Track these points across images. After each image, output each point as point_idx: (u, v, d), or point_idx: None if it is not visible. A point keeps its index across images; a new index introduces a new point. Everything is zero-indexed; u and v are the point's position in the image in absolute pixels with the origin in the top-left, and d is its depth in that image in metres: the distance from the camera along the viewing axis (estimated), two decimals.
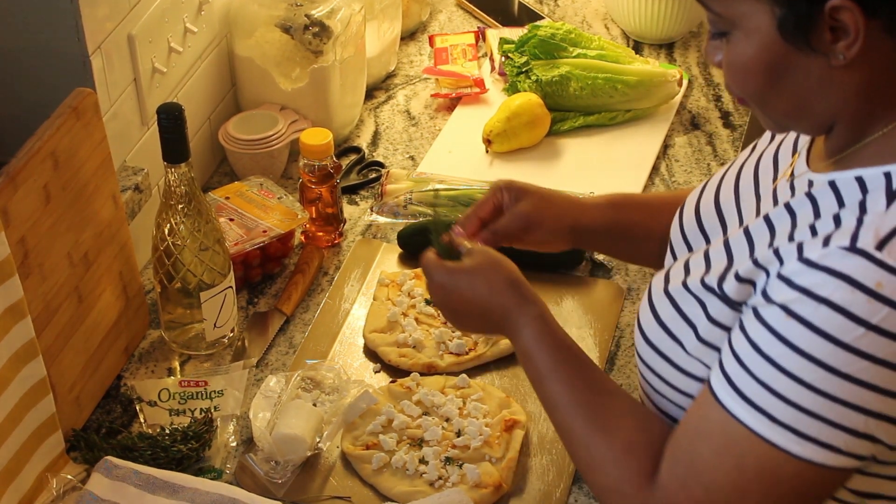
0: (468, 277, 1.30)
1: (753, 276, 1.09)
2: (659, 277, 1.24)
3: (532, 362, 1.25)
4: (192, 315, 1.55)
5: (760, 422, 1.05)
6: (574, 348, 1.26)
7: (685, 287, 1.17)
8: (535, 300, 1.28)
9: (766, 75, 1.07)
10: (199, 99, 1.83)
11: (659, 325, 1.19)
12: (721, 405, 1.08)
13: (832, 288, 1.01)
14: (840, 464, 1.04)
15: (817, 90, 1.07)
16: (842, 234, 1.03)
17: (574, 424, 1.20)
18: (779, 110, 1.11)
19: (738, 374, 1.07)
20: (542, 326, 1.26)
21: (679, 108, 2.06)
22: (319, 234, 1.77)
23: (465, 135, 1.99)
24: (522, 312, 1.27)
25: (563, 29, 2.05)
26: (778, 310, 1.04)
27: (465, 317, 1.33)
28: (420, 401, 1.50)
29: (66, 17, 1.46)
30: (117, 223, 1.51)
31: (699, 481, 1.09)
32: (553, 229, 1.42)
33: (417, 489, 1.40)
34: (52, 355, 1.39)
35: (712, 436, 1.09)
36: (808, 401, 1.03)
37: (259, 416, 1.44)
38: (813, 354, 1.02)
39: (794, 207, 1.12)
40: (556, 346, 1.25)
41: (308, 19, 1.84)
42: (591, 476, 1.19)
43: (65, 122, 1.37)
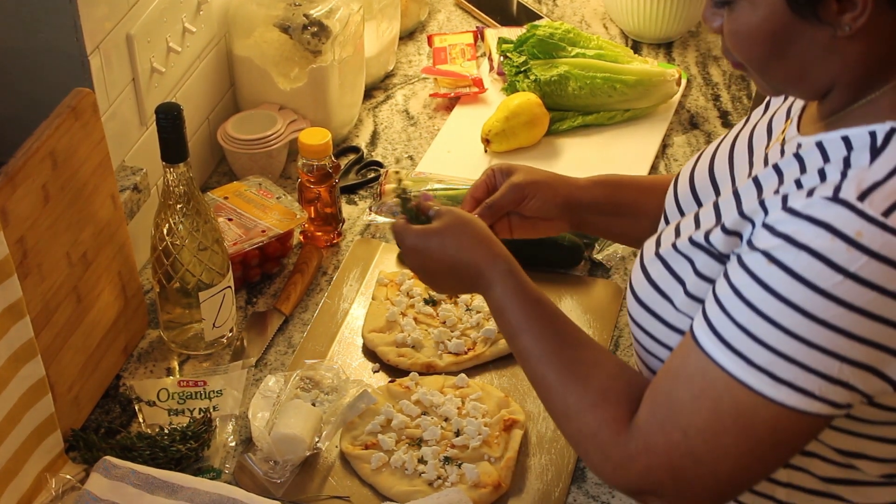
0: (438, 237, 1.32)
1: (740, 227, 1.11)
2: (650, 241, 1.26)
3: (505, 317, 1.27)
4: (190, 315, 1.55)
5: (737, 364, 1.07)
6: (545, 302, 1.28)
7: (674, 248, 1.19)
8: (504, 256, 1.30)
9: (770, 44, 1.09)
10: (198, 99, 1.83)
11: (650, 285, 1.21)
12: (701, 349, 1.10)
13: (813, 235, 1.03)
14: (815, 409, 1.06)
15: (819, 59, 1.09)
16: (825, 187, 1.05)
17: (548, 375, 1.22)
18: (778, 77, 1.13)
19: (719, 318, 1.09)
20: (512, 281, 1.28)
21: (678, 108, 2.06)
22: (318, 233, 1.78)
23: (463, 134, 2.00)
24: (493, 268, 1.28)
25: (561, 28, 2.06)
26: (760, 256, 1.06)
27: (438, 276, 1.35)
28: (419, 400, 1.50)
29: (64, 17, 1.46)
30: (116, 223, 1.51)
31: (677, 424, 1.11)
32: (547, 199, 1.44)
33: (416, 489, 1.40)
34: (51, 355, 1.39)
35: (691, 379, 1.10)
36: (784, 345, 1.04)
37: (258, 415, 1.44)
38: (791, 300, 1.04)
39: (781, 167, 1.14)
40: (527, 300, 1.27)
41: (307, 19, 1.84)
42: (568, 424, 1.20)
43: (63, 122, 1.37)
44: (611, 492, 1.41)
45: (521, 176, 1.43)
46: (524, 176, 1.43)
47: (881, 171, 1.04)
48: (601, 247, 1.74)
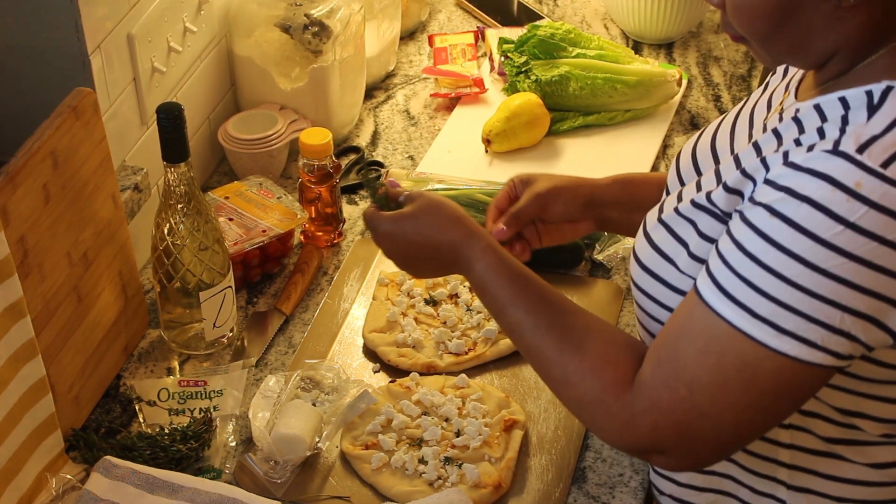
0: (412, 221, 1.32)
1: (741, 185, 1.13)
2: (653, 210, 1.27)
3: (490, 293, 1.28)
4: (191, 315, 1.55)
5: (741, 316, 1.08)
6: (528, 274, 1.28)
7: (677, 212, 1.21)
8: (481, 233, 1.31)
9: (774, 17, 1.11)
10: (199, 98, 1.83)
11: (653, 250, 1.23)
12: (704, 303, 1.11)
13: (814, 187, 1.05)
14: (817, 359, 1.07)
15: (822, 29, 1.11)
16: (825, 142, 1.07)
17: (542, 346, 1.23)
18: (781, 48, 1.15)
19: (722, 272, 1.10)
20: (493, 257, 1.28)
21: (678, 108, 2.06)
22: (319, 233, 1.77)
23: (464, 135, 1.99)
24: (471, 246, 1.29)
25: (562, 29, 2.06)
26: (762, 210, 1.08)
27: (416, 260, 1.35)
28: (419, 401, 1.50)
29: (65, 17, 1.46)
30: (117, 223, 1.51)
31: (682, 379, 1.12)
32: (569, 202, 1.45)
33: (417, 489, 1.40)
34: (52, 355, 1.39)
35: (695, 334, 1.12)
36: (786, 295, 1.06)
37: (258, 415, 1.44)
38: (793, 250, 1.05)
39: (780, 131, 1.16)
40: (511, 274, 1.27)
41: (307, 19, 1.84)
42: (568, 392, 1.21)
43: (64, 122, 1.37)
44: (611, 492, 1.41)
45: (542, 184, 1.45)
46: (545, 183, 1.45)
47: (879, 126, 1.06)
48: (602, 247, 1.74)
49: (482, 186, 1.83)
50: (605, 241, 1.74)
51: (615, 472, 1.43)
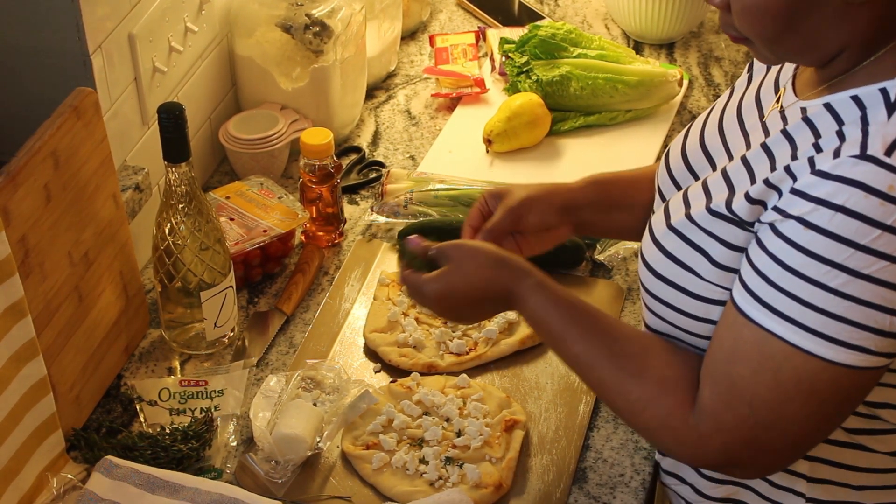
0: (458, 274, 1.32)
1: (765, 196, 1.13)
2: (658, 216, 1.27)
3: (546, 328, 1.28)
4: (192, 314, 1.55)
5: (792, 331, 1.09)
6: (581, 304, 1.29)
7: (690, 219, 1.21)
8: (527, 268, 1.31)
9: (783, 18, 1.10)
10: (200, 98, 1.83)
11: (666, 257, 1.22)
12: (753, 322, 1.11)
13: (846, 195, 1.05)
14: (872, 364, 1.08)
15: (831, 27, 1.10)
16: (850, 145, 1.07)
17: (604, 377, 1.24)
18: (788, 47, 1.14)
19: (765, 289, 1.10)
20: (544, 292, 1.29)
21: (679, 109, 2.06)
22: (320, 233, 1.77)
23: (465, 135, 1.99)
24: (522, 284, 1.29)
25: (563, 29, 2.05)
26: (795, 223, 1.08)
27: (471, 310, 1.35)
28: (420, 401, 1.50)
29: (66, 17, 1.46)
30: (118, 222, 1.51)
31: (742, 399, 1.13)
32: (544, 210, 1.44)
33: (417, 489, 1.40)
34: (53, 354, 1.39)
35: (748, 354, 1.12)
36: (834, 305, 1.07)
37: (259, 415, 1.44)
38: (834, 260, 1.06)
39: (791, 133, 1.16)
40: (563, 307, 1.28)
41: (308, 19, 1.84)
42: (635, 420, 1.23)
43: (65, 122, 1.37)
44: (612, 492, 1.41)
45: (514, 196, 1.44)
46: (517, 195, 1.44)
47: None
48: (603, 247, 1.74)
49: (483, 186, 1.83)
50: (606, 241, 1.74)
51: (616, 472, 1.43)
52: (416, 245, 1.36)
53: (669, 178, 1.36)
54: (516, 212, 1.43)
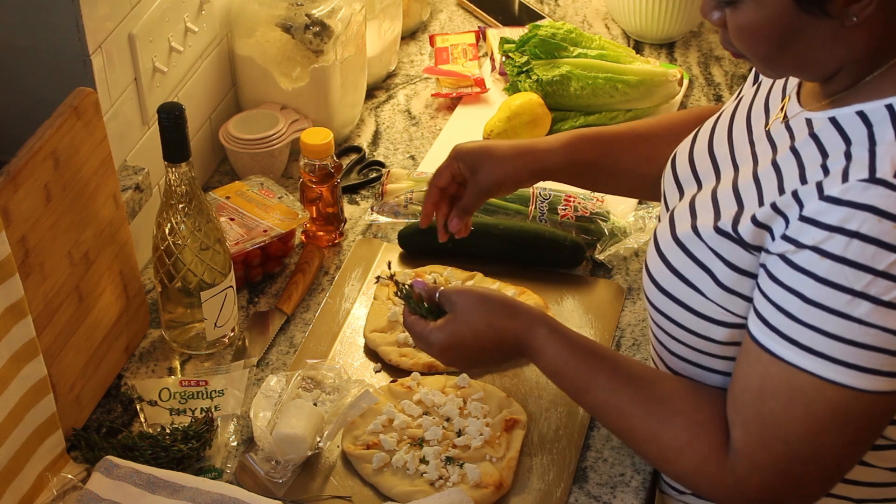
0: (465, 324, 1.30)
1: (771, 221, 1.11)
2: (663, 225, 1.26)
3: (565, 378, 1.27)
4: (192, 314, 1.55)
5: (822, 365, 1.07)
6: (599, 349, 1.27)
7: (696, 232, 1.19)
8: (537, 316, 1.29)
9: (776, 39, 1.10)
10: (200, 98, 1.83)
11: (672, 273, 1.21)
12: (779, 358, 1.10)
13: (860, 221, 1.03)
14: None
15: (825, 48, 1.10)
16: (858, 168, 1.05)
17: (633, 425, 1.22)
18: (784, 66, 1.14)
19: (787, 324, 1.09)
20: (559, 341, 1.27)
21: (679, 108, 2.06)
22: (320, 233, 1.77)
23: (465, 134, 1.99)
24: (534, 333, 1.27)
25: (563, 28, 2.05)
26: (810, 253, 1.06)
27: (481, 361, 1.34)
28: (420, 400, 1.50)
29: (66, 17, 1.46)
30: (118, 223, 1.51)
31: (776, 436, 1.12)
32: (516, 183, 1.46)
33: (418, 489, 1.40)
34: (53, 355, 1.39)
35: (777, 390, 1.11)
36: (861, 334, 1.05)
37: (259, 415, 1.44)
38: (854, 288, 1.04)
39: (798, 149, 1.14)
40: (581, 355, 1.26)
41: (309, 19, 1.84)
42: (670, 467, 1.21)
43: (65, 122, 1.37)
44: (612, 492, 1.41)
45: (485, 175, 1.44)
46: (488, 175, 1.44)
47: None
48: (603, 247, 1.74)
49: None
50: (606, 241, 1.74)
51: (616, 472, 1.43)
52: (422, 288, 1.34)
53: (675, 182, 1.35)
54: (487, 192, 1.45)
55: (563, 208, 1.78)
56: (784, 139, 1.19)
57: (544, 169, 1.46)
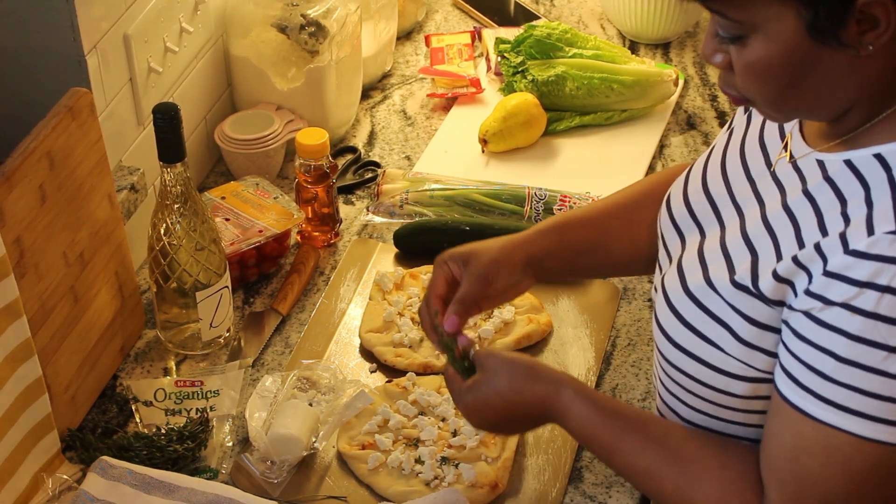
0: (490, 386, 1.28)
1: (793, 276, 1.08)
2: (672, 276, 1.22)
3: (592, 441, 1.25)
4: (187, 315, 1.55)
5: (859, 424, 1.05)
6: (626, 410, 1.25)
7: (710, 285, 1.16)
8: (562, 379, 1.27)
9: (788, 75, 1.06)
10: (195, 99, 1.83)
11: (686, 328, 1.18)
12: (813, 419, 1.07)
13: (890, 275, 1.01)
14: None
15: (839, 81, 1.06)
16: (883, 218, 1.03)
17: (664, 486, 1.20)
18: (794, 105, 1.10)
19: (821, 384, 1.06)
20: (584, 403, 1.24)
21: (675, 108, 2.06)
22: (315, 233, 1.77)
23: (461, 135, 2.00)
24: (559, 397, 1.25)
25: (559, 29, 2.06)
26: (840, 310, 1.03)
27: (507, 425, 1.32)
28: (416, 400, 1.50)
29: (61, 17, 1.46)
30: (113, 223, 1.51)
31: (814, 496, 1.09)
32: (510, 271, 1.39)
33: (413, 489, 1.40)
34: (48, 355, 1.39)
35: (814, 450, 1.08)
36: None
37: (255, 415, 1.44)
38: (888, 343, 1.02)
39: (812, 193, 1.11)
40: (609, 416, 1.24)
41: (304, 19, 1.84)
42: None
43: (60, 122, 1.36)
44: (608, 491, 1.41)
45: (479, 262, 1.37)
46: (482, 260, 1.37)
47: None
48: None
49: (479, 186, 1.83)
50: None
51: (611, 472, 1.43)
52: (464, 343, 1.31)
53: (673, 227, 1.30)
54: (484, 278, 1.37)
55: (558, 208, 1.78)
56: (794, 181, 1.15)
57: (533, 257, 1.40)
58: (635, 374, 1.57)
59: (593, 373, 1.56)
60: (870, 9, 1.00)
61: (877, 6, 1.00)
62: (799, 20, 1.02)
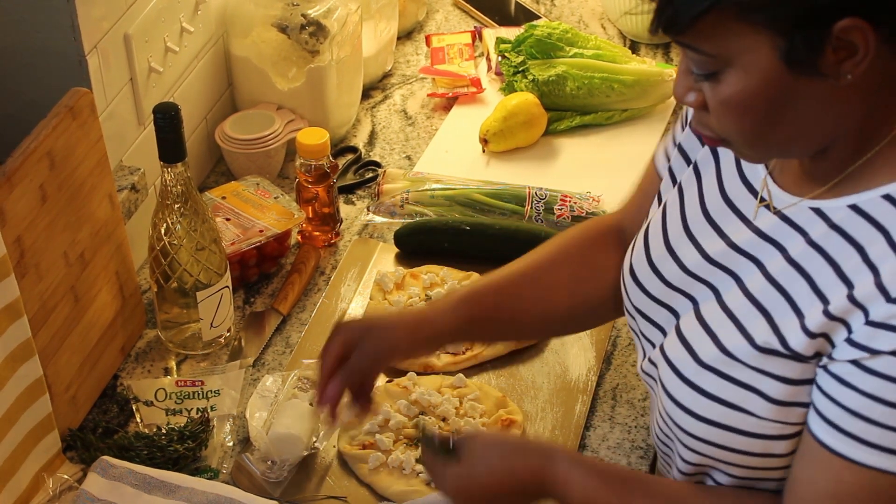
0: (481, 464, 1.23)
1: (829, 329, 1.05)
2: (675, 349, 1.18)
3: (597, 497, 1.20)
4: (188, 315, 1.55)
5: None
6: (625, 472, 1.24)
7: (727, 354, 1.12)
8: (554, 449, 1.24)
9: (767, 109, 1.02)
10: (196, 98, 1.83)
11: (709, 399, 1.14)
12: (857, 463, 1.05)
13: None
14: None
15: (819, 113, 1.02)
16: None
17: None
18: (772, 142, 1.06)
19: (868, 430, 1.04)
20: (582, 469, 1.20)
21: (675, 108, 2.06)
22: (316, 233, 1.77)
23: (461, 134, 2.00)
24: (555, 467, 1.20)
25: (559, 28, 2.06)
26: (890, 358, 1.01)
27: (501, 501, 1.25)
28: (417, 400, 1.50)
29: (62, 17, 1.46)
30: (113, 223, 1.51)
31: None
32: (411, 349, 1.35)
33: (414, 488, 1.40)
34: (49, 355, 1.39)
35: (854, 495, 1.06)
36: None
37: (255, 415, 1.44)
38: None
39: (819, 244, 1.08)
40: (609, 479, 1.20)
41: (304, 19, 1.84)
42: None
43: (61, 122, 1.36)
44: None
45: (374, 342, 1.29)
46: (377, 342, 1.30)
47: None
48: None
49: (479, 186, 1.83)
50: None
51: None
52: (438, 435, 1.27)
53: (653, 301, 1.25)
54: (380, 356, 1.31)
55: (559, 208, 1.78)
56: (790, 234, 1.11)
57: (437, 335, 1.34)
58: (636, 374, 1.57)
59: (594, 373, 1.56)
60: (847, 34, 0.96)
61: (855, 31, 0.96)
62: (774, 50, 0.98)
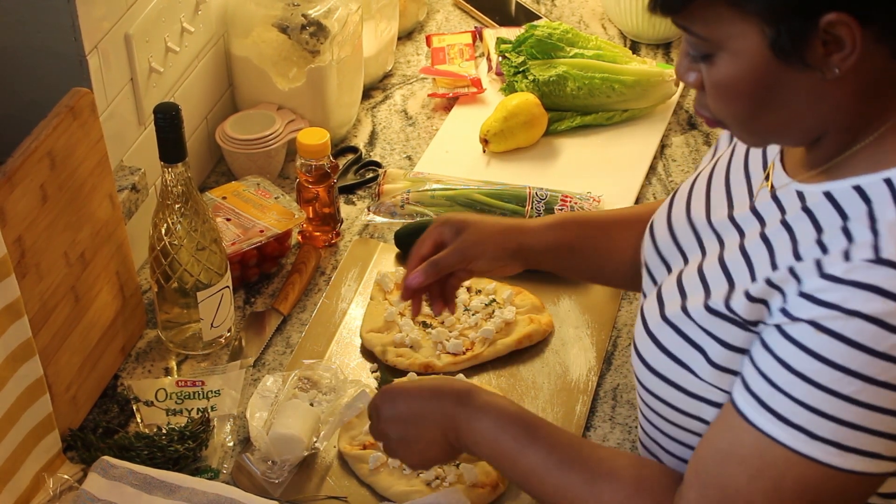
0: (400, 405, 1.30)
1: (767, 295, 1.07)
2: (651, 302, 1.22)
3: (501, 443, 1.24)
4: (188, 315, 1.55)
5: (800, 440, 1.04)
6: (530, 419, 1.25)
7: (685, 313, 1.15)
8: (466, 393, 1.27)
9: (756, 95, 1.05)
10: (196, 98, 1.83)
11: (663, 353, 1.17)
12: (755, 427, 1.06)
13: (862, 300, 1.00)
14: (882, 469, 1.04)
15: (808, 104, 1.05)
16: (861, 247, 1.02)
17: (571, 482, 1.19)
18: (764, 128, 1.09)
19: (771, 394, 1.05)
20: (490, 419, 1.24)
21: (676, 108, 2.06)
22: (316, 233, 1.77)
23: (462, 135, 2.00)
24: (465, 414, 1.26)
25: (560, 29, 2.06)
26: (806, 325, 1.03)
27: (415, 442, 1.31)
28: None
29: (62, 17, 1.46)
30: (114, 223, 1.51)
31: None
32: (496, 256, 1.40)
33: (414, 489, 1.40)
34: (49, 355, 1.39)
35: (746, 459, 1.07)
36: (846, 412, 1.02)
37: (256, 415, 1.44)
38: (849, 367, 1.01)
39: (790, 223, 1.10)
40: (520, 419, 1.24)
41: (305, 19, 1.84)
42: None
43: (61, 122, 1.36)
44: None
45: (467, 238, 1.39)
46: (470, 238, 1.39)
47: None
48: None
49: (480, 186, 1.83)
50: None
51: None
52: None
53: (657, 255, 1.30)
54: (466, 253, 1.39)
55: (559, 208, 1.78)
56: (773, 212, 1.14)
57: (526, 247, 1.42)
58: None
59: (594, 373, 1.56)
60: (834, 29, 0.98)
61: (841, 27, 0.98)
62: (763, 38, 1.01)
